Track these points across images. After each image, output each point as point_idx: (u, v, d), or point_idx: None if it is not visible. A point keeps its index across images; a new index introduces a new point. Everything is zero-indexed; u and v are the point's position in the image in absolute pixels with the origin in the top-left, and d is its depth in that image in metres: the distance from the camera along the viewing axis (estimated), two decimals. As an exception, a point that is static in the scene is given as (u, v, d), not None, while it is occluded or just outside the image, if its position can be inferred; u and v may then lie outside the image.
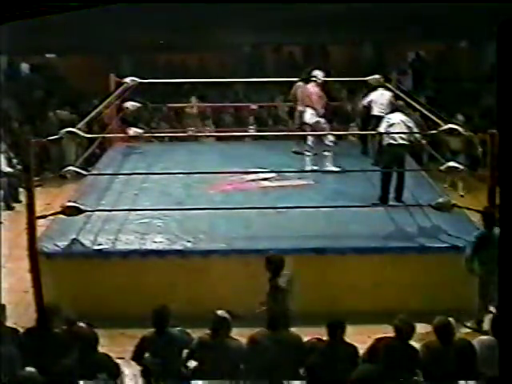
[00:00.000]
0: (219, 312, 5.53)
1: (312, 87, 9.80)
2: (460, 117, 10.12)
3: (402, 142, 8.21)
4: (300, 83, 10.39)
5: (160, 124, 13.55)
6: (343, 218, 7.94)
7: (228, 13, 13.25)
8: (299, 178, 9.18)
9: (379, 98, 9.89)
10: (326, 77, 10.45)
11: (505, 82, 3.52)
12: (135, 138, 11.13)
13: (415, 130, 8.52)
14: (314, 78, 9.87)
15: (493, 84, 13.93)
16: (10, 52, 14.07)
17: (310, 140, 9.66)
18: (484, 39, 15.40)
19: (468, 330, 6.94)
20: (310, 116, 9.63)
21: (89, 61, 15.10)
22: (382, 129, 8.44)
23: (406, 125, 8.30)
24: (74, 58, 15.28)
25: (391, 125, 8.32)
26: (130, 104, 10.97)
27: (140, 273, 7.37)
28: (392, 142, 8.23)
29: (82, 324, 5.69)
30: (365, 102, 10.09)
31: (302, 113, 10.22)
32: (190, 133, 12.89)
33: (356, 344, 5.53)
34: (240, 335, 5.61)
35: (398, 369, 4.99)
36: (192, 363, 5.58)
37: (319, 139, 9.53)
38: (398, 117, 8.39)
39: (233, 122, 13.57)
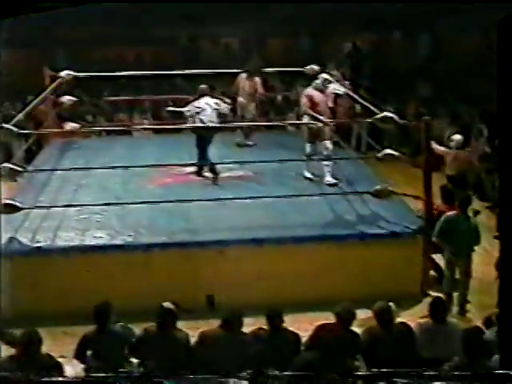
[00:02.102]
0: (165, 304, 5.54)
1: (312, 91, 8.94)
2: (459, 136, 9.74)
3: (210, 124, 8.79)
4: (243, 75, 10.41)
5: (97, 118, 13.39)
6: (283, 208, 7.99)
7: (164, 6, 13.15)
8: (239, 170, 9.20)
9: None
10: (264, 67, 10.48)
11: (505, 80, 3.58)
12: (72, 133, 10.98)
13: (225, 109, 9.10)
14: (316, 83, 9.00)
15: (426, 74, 14.36)
16: None
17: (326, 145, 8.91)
18: (417, 30, 15.70)
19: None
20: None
21: (22, 55, 14.78)
22: (189, 113, 8.93)
23: (213, 107, 8.86)
24: (6, 53, 14.93)
25: (200, 109, 8.82)
26: (65, 98, 10.77)
27: (81, 269, 7.29)
28: (201, 124, 8.78)
29: None
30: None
31: (243, 105, 10.24)
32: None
33: (298, 331, 5.61)
34: (183, 328, 5.64)
35: (339, 354, 5.07)
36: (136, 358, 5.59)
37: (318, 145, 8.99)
38: (205, 101, 8.91)
39: (171, 115, 13.47)
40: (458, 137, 9.38)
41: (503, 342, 3.80)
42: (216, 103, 9.01)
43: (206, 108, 8.88)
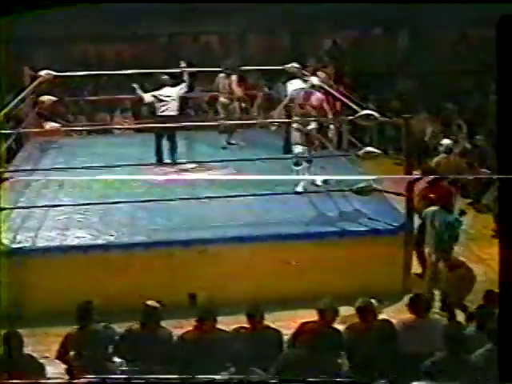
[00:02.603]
0: (149, 302, 5.53)
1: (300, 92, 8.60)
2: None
3: (171, 113, 9.23)
4: (222, 74, 10.39)
5: (78, 117, 13.33)
6: (265, 206, 8.00)
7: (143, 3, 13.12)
8: (221, 168, 9.20)
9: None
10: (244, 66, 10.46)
11: (505, 78, 3.60)
12: (53, 132, 10.89)
13: (184, 89, 9.49)
14: (306, 85, 8.66)
15: (406, 69, 14.42)
16: None
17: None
18: (396, 26, 15.76)
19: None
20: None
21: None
22: (149, 100, 9.38)
23: (172, 98, 9.24)
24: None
25: (156, 100, 9.24)
26: (45, 98, 10.69)
27: (62, 269, 7.25)
28: (162, 114, 9.22)
29: None
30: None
31: (224, 104, 10.22)
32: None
33: (281, 329, 5.62)
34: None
35: (323, 352, 5.09)
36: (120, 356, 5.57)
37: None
38: (166, 91, 9.25)
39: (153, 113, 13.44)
40: (446, 141, 9.19)
41: (503, 352, 3.81)
42: (178, 90, 9.37)
43: (167, 99, 9.21)
